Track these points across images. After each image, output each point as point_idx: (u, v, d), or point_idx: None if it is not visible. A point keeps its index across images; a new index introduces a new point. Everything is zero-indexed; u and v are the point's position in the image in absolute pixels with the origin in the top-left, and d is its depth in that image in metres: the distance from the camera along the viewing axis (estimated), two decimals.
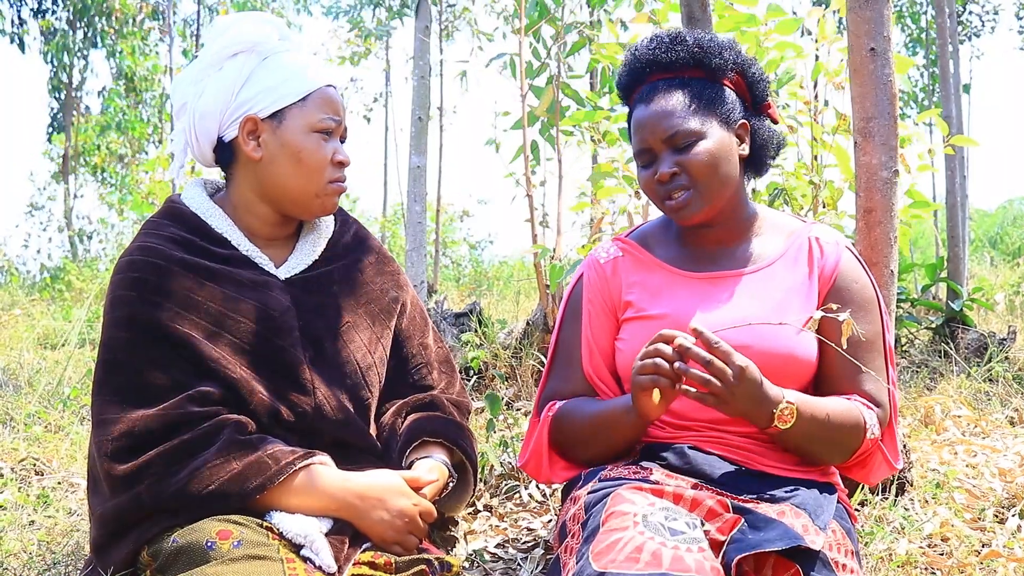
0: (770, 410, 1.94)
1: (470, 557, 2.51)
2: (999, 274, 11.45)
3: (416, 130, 6.02)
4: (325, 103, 2.16)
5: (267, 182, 2.16)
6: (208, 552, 1.81)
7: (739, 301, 2.16)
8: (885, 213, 2.71)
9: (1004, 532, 2.58)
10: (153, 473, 1.93)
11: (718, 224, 2.23)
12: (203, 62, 2.17)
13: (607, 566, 1.73)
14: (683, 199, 2.14)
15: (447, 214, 15.05)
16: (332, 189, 2.18)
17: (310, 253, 2.25)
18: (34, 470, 3.32)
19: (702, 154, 2.13)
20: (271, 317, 2.11)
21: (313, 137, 2.14)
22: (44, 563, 2.42)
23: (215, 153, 2.20)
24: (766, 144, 2.25)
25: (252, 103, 2.12)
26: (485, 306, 5.60)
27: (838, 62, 3.66)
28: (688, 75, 2.17)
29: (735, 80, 2.21)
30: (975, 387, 4.36)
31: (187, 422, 1.97)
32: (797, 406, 1.96)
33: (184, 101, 2.18)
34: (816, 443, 2.06)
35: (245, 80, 2.13)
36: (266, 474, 1.93)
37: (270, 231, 2.23)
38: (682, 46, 2.17)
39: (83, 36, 17.91)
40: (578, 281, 2.35)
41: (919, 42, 15.86)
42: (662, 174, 2.14)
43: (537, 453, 2.29)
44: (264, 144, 2.14)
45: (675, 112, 2.14)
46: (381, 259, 2.39)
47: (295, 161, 2.13)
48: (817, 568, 1.84)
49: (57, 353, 5.82)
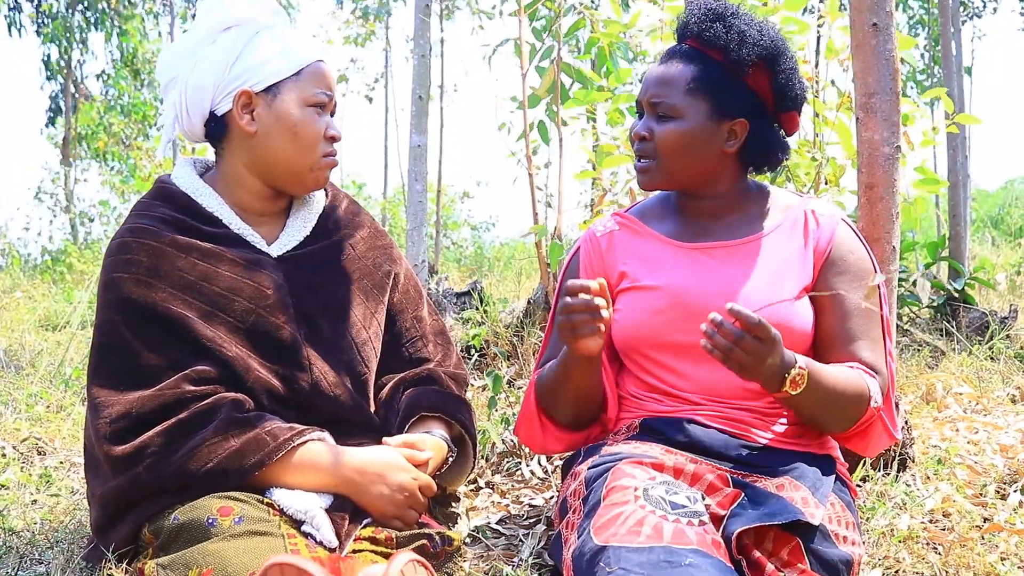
0: (783, 375, 1.93)
1: (472, 533, 2.51)
2: (1000, 254, 11.43)
3: (416, 109, 6.00)
4: (318, 77, 2.16)
5: (261, 156, 2.15)
6: (209, 529, 1.82)
7: (733, 271, 2.16)
8: (887, 189, 2.70)
9: (1006, 507, 2.58)
10: (151, 453, 1.93)
11: (707, 197, 2.24)
12: (196, 36, 2.16)
13: (608, 540, 1.74)
14: (643, 165, 2.21)
15: (448, 195, 15.03)
16: (325, 163, 2.19)
17: (301, 229, 2.25)
18: (36, 450, 3.33)
19: (672, 133, 2.16)
20: (265, 295, 2.11)
21: (307, 111, 2.14)
22: (47, 541, 2.42)
23: (206, 127, 2.18)
24: (767, 150, 2.23)
25: (246, 76, 2.12)
26: (486, 286, 5.60)
27: (841, 39, 3.64)
28: (711, 53, 2.17)
29: (757, 78, 2.17)
30: (977, 365, 4.36)
31: (184, 401, 1.97)
32: (808, 372, 1.95)
33: (175, 74, 2.17)
34: (823, 409, 2.05)
35: (239, 53, 2.12)
36: (264, 450, 1.94)
37: (261, 206, 2.22)
38: (719, 25, 2.16)
39: (83, 18, 17.86)
40: (575, 254, 2.37)
41: (921, 23, 15.80)
42: (636, 132, 2.21)
43: (527, 417, 2.32)
44: (258, 118, 2.13)
45: (671, 82, 2.16)
46: (373, 233, 2.39)
47: (290, 135, 2.13)
48: (817, 540, 1.85)
49: (58, 334, 5.82)
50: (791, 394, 1.95)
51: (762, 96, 2.19)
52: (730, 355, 1.87)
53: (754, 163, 2.25)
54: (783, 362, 1.91)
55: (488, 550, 2.40)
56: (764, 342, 1.85)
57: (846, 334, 2.12)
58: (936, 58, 14.61)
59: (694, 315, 2.12)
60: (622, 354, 2.27)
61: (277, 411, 2.07)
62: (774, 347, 1.87)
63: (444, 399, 2.29)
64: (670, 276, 2.19)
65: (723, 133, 2.17)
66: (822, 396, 2.00)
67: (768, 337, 1.85)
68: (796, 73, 2.20)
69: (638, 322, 2.19)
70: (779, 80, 2.17)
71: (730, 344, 1.86)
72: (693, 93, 2.15)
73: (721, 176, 2.21)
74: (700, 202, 2.25)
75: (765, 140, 2.21)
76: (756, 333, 1.85)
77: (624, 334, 2.22)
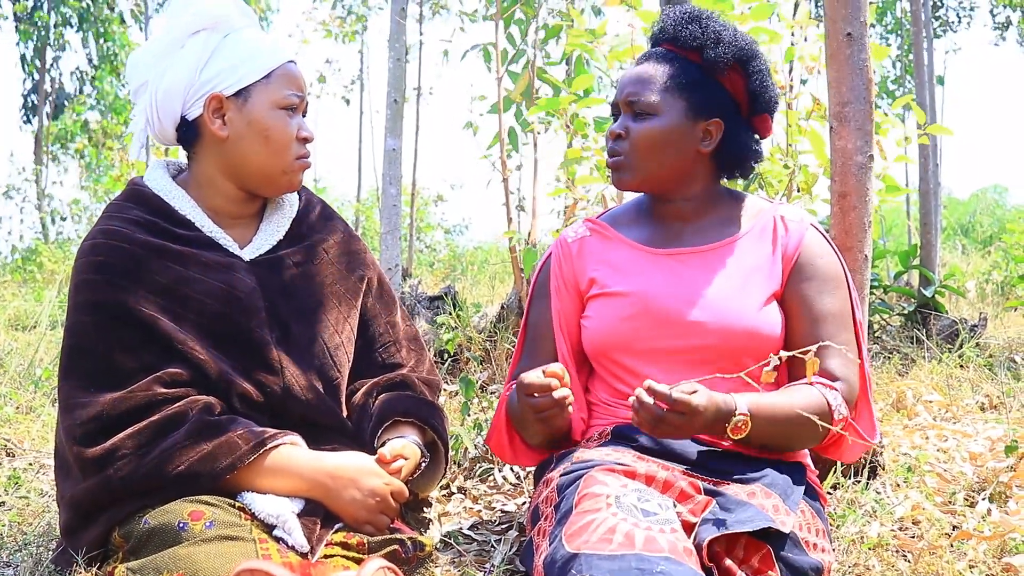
0: (723, 425, 1.95)
1: (444, 539, 2.51)
2: (970, 262, 11.52)
3: (392, 112, 5.99)
4: (289, 79, 2.15)
5: (233, 160, 2.14)
6: (180, 533, 1.81)
7: (702, 277, 2.18)
8: (860, 198, 2.72)
9: (974, 515, 2.60)
10: (123, 456, 1.92)
11: (678, 200, 2.25)
12: (164, 40, 2.14)
13: (580, 547, 1.74)
14: (616, 162, 2.22)
15: (422, 198, 15.01)
16: (298, 165, 2.18)
17: (274, 233, 2.24)
18: (5, 451, 3.30)
19: (647, 130, 2.17)
20: (237, 298, 2.10)
21: (279, 114, 2.13)
22: (15, 544, 2.40)
23: (178, 132, 2.17)
24: (740, 152, 2.24)
25: (216, 81, 2.10)
26: (460, 290, 5.60)
27: (814, 47, 3.66)
28: (685, 55, 2.19)
29: (732, 79, 2.20)
30: (946, 372, 4.39)
31: (155, 404, 1.96)
32: (752, 415, 1.97)
33: (144, 79, 2.15)
34: (779, 439, 2.07)
35: (208, 58, 2.11)
36: (236, 454, 1.93)
37: (234, 209, 2.21)
38: (694, 26, 2.19)
39: (60, 16, 17.76)
40: (546, 260, 2.37)
41: (895, 32, 15.92)
42: (612, 131, 2.21)
43: (497, 430, 2.34)
44: (230, 122, 2.12)
45: (647, 81, 2.18)
46: (347, 237, 2.38)
47: (262, 139, 2.12)
48: (787, 547, 1.86)
49: (28, 335, 5.77)
50: (735, 439, 1.98)
51: (737, 98, 2.21)
52: (655, 428, 1.91)
53: (727, 167, 2.26)
54: (720, 414, 1.94)
55: (460, 556, 2.40)
56: (686, 414, 1.88)
57: (815, 340, 2.12)
58: (908, 68, 14.72)
59: (663, 322, 2.13)
60: (592, 360, 2.27)
61: (249, 415, 2.06)
62: (699, 413, 1.89)
63: (417, 404, 2.29)
64: (639, 283, 2.20)
65: (698, 132, 2.19)
66: (775, 429, 2.02)
67: (689, 409, 1.88)
68: (769, 76, 2.23)
69: (607, 329, 2.20)
70: (753, 82, 2.20)
71: (653, 420, 1.89)
72: (670, 91, 2.17)
73: (695, 178, 2.22)
74: (672, 205, 2.25)
75: (739, 142, 2.22)
76: (675, 408, 1.88)
77: (594, 341, 2.22)
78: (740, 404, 1.96)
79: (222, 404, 2.03)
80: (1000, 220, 17.05)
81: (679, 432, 1.92)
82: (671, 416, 1.88)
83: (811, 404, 2.04)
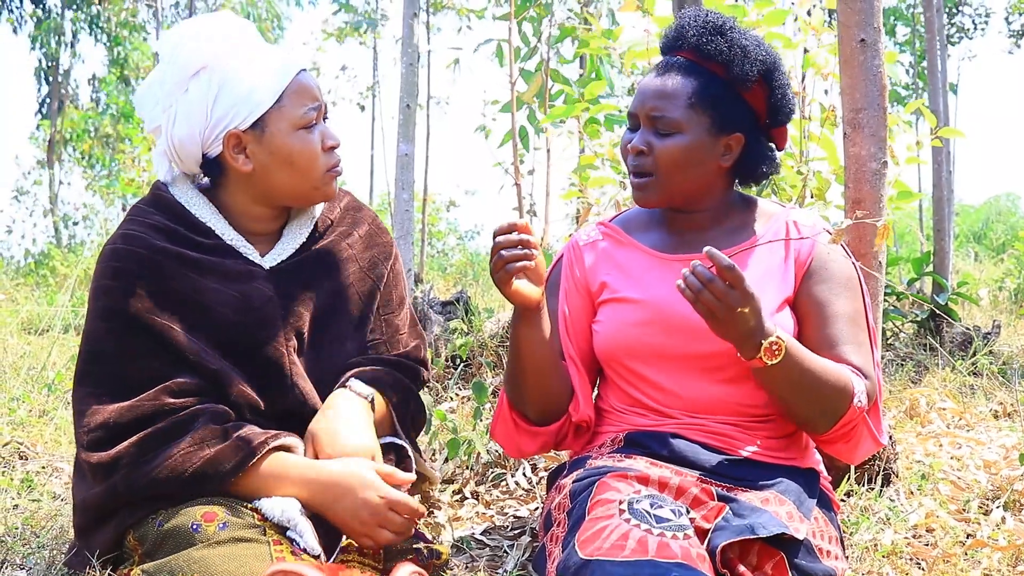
0: (758, 340, 1.93)
1: (456, 544, 2.51)
2: (983, 269, 11.49)
3: (404, 118, 6.00)
4: (302, 94, 2.08)
5: (262, 188, 2.10)
6: (194, 535, 1.81)
7: None
8: (873, 204, 2.71)
9: (988, 523, 2.59)
10: (127, 463, 1.92)
11: (695, 211, 2.22)
12: (167, 85, 2.06)
13: (593, 554, 1.74)
14: (642, 182, 2.17)
15: (434, 204, 15.02)
16: (329, 177, 2.12)
17: (296, 238, 2.19)
18: (18, 454, 3.31)
19: (672, 149, 2.12)
20: (252, 308, 2.08)
21: (299, 134, 2.07)
22: (29, 547, 2.41)
23: (202, 168, 2.12)
24: (757, 164, 2.21)
25: (229, 118, 2.03)
26: (472, 295, 5.59)
27: (827, 53, 3.65)
28: (709, 67, 2.14)
29: (755, 93, 2.16)
30: (960, 380, 4.37)
31: (162, 413, 1.95)
32: (787, 345, 1.94)
33: (157, 124, 2.10)
34: (801, 392, 2.01)
35: (215, 97, 2.03)
36: (239, 456, 1.91)
37: (262, 225, 2.17)
38: (720, 40, 2.12)
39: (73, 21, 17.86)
40: (557, 262, 2.36)
41: (908, 41, 15.90)
42: (634, 146, 2.16)
43: (501, 416, 2.29)
44: (252, 155, 2.06)
45: (671, 96, 2.13)
46: (374, 230, 2.32)
47: (288, 164, 2.07)
48: (801, 555, 1.85)
49: (41, 338, 5.78)
50: (766, 363, 1.94)
51: (757, 110, 2.18)
52: (700, 296, 1.87)
53: (743, 176, 2.25)
54: (759, 325, 1.91)
55: (472, 561, 2.40)
56: (735, 288, 1.85)
57: (831, 338, 2.10)
58: (921, 74, 14.70)
59: (674, 328, 2.12)
60: (604, 365, 2.27)
61: (260, 424, 2.04)
62: (747, 299, 1.87)
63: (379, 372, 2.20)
64: (652, 289, 2.19)
65: (720, 148, 2.15)
66: (800, 376, 1.98)
67: (739, 283, 1.85)
68: (790, 88, 2.20)
69: (619, 334, 2.19)
70: (776, 95, 2.17)
71: (700, 285, 1.87)
72: (694, 108, 2.12)
73: (712, 190, 2.20)
74: (688, 215, 2.23)
75: (757, 154, 2.20)
76: (727, 278, 1.85)
77: (604, 346, 2.22)
78: (779, 331, 1.94)
79: (232, 412, 2.01)
80: (1013, 227, 17.01)
81: (717, 312, 1.87)
82: (720, 285, 1.85)
83: (838, 376, 2.02)
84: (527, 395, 2.21)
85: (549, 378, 2.18)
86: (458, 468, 3.15)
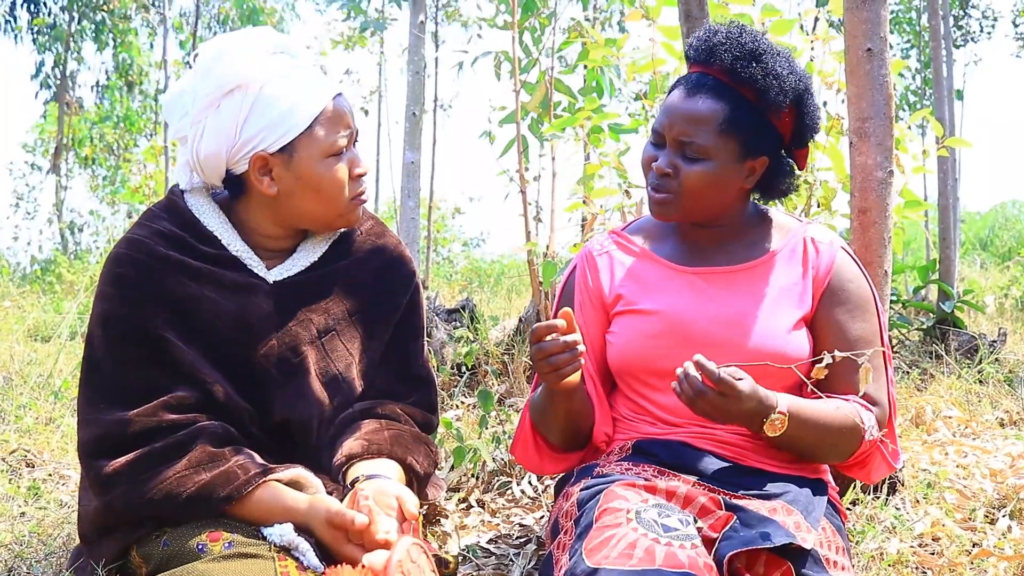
0: (760, 419, 1.95)
1: (462, 552, 2.51)
2: (989, 276, 11.46)
3: (410, 125, 6.00)
4: (334, 121, 2.05)
5: (284, 212, 2.08)
6: (200, 555, 1.81)
7: (730, 297, 2.16)
8: (880, 214, 2.71)
9: (994, 532, 2.59)
10: (124, 482, 1.90)
11: (710, 225, 2.22)
12: (199, 99, 2.02)
13: (600, 562, 1.74)
14: (663, 199, 2.15)
15: (439, 211, 15.01)
16: (354, 205, 2.10)
17: (308, 256, 2.16)
18: (25, 462, 3.32)
19: (699, 174, 2.10)
20: (248, 324, 2.06)
21: (328, 162, 2.04)
22: (36, 554, 2.41)
23: (224, 183, 2.10)
24: (776, 185, 2.21)
25: (258, 140, 2.00)
26: (477, 303, 5.59)
27: (833, 62, 3.66)
28: (742, 91, 2.10)
29: (783, 118, 2.14)
30: (966, 388, 4.37)
31: (160, 430, 1.94)
32: (789, 414, 1.96)
33: (183, 135, 2.06)
34: (810, 447, 2.07)
35: (247, 117, 2.00)
36: (233, 484, 1.89)
37: (277, 243, 2.15)
38: (756, 67, 2.08)
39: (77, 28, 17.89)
40: (571, 273, 2.35)
41: (914, 45, 15.87)
42: (659, 167, 2.13)
43: (523, 439, 2.30)
44: (278, 179, 2.03)
45: (702, 120, 2.08)
46: (394, 259, 2.25)
47: (314, 191, 2.04)
48: (808, 565, 1.85)
49: (48, 345, 5.80)
50: (770, 435, 1.97)
51: (782, 132, 2.16)
52: (695, 404, 1.91)
53: (762, 192, 2.24)
54: (760, 407, 1.93)
55: (478, 569, 2.40)
56: (727, 396, 1.88)
57: (845, 365, 2.06)
58: (927, 81, 14.67)
59: (690, 341, 2.11)
60: (616, 376, 2.26)
61: (254, 439, 2.03)
62: (740, 399, 1.89)
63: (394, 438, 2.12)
64: (667, 301, 2.18)
65: (744, 171, 2.14)
66: (807, 435, 2.02)
67: (732, 392, 1.88)
68: (818, 110, 2.18)
69: (633, 346, 2.19)
70: (804, 120, 2.16)
71: (693, 395, 1.89)
72: (724, 134, 2.09)
73: (731, 208, 2.20)
74: (704, 229, 2.23)
75: (779, 174, 2.20)
76: (719, 388, 1.88)
77: (619, 357, 2.21)
78: (781, 402, 1.96)
79: (230, 430, 2.00)
80: (1019, 235, 16.97)
81: (716, 413, 1.91)
82: (712, 395, 1.88)
83: (847, 420, 2.04)
84: (559, 433, 2.24)
85: (584, 418, 2.22)
86: (464, 476, 3.15)
